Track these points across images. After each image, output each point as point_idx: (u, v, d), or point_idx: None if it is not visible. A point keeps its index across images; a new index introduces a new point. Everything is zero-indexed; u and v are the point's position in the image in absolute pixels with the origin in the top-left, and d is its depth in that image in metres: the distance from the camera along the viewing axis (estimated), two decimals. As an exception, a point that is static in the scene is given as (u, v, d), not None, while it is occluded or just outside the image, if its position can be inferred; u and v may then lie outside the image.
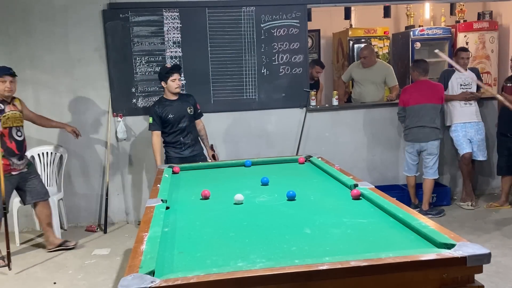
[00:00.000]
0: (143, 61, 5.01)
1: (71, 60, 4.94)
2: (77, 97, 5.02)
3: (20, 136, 4.19)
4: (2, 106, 4.08)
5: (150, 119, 4.35)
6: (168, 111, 4.31)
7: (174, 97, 4.38)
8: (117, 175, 5.16)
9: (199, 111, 4.53)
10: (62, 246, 4.45)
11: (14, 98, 4.22)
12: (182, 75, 4.40)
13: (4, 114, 4.07)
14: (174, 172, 3.64)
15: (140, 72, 5.02)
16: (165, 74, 4.29)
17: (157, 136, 4.37)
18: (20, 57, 4.84)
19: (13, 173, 4.15)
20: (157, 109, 4.33)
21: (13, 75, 4.10)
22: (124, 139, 5.09)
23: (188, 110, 4.39)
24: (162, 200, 2.67)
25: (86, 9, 4.89)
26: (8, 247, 3.99)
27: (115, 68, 4.99)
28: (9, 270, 3.98)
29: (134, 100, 5.04)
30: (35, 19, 4.83)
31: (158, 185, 3.07)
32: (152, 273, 1.65)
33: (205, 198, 2.83)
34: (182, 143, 4.39)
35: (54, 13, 4.86)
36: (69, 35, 4.91)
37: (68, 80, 4.96)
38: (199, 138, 4.56)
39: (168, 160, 4.40)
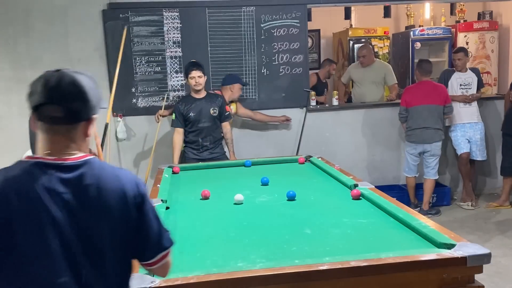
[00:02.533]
0: (143, 61, 5.00)
1: (71, 60, 4.93)
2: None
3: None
4: None
5: (173, 115, 4.31)
6: (190, 109, 4.23)
7: (199, 95, 4.28)
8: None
9: (227, 113, 4.42)
10: None
11: (231, 102, 4.74)
12: (203, 72, 4.23)
13: None
14: (174, 172, 3.64)
15: (140, 72, 5.02)
16: (185, 71, 4.27)
17: (178, 134, 4.30)
18: (20, 57, 4.83)
19: None
20: (180, 105, 4.28)
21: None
22: (124, 139, 5.08)
23: (211, 111, 4.27)
24: (162, 200, 2.67)
25: (86, 9, 4.89)
26: None
27: (115, 68, 4.97)
28: None
29: (134, 100, 5.04)
30: (35, 19, 4.83)
31: (158, 185, 3.06)
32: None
33: (205, 198, 2.83)
34: (200, 144, 4.28)
35: (54, 13, 4.86)
36: (69, 35, 4.91)
37: (68, 80, 4.95)
38: (222, 141, 4.45)
39: (185, 161, 4.31)
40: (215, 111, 4.30)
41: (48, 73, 1.27)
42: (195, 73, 4.18)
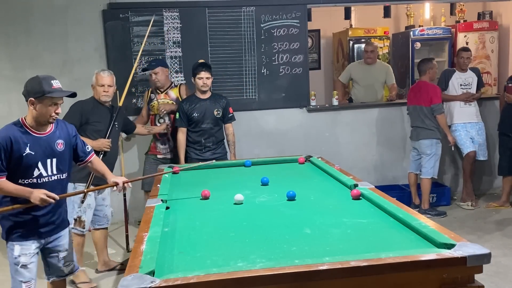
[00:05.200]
0: (143, 61, 5.00)
1: (71, 60, 4.94)
2: (77, 97, 5.00)
3: (160, 124, 4.47)
4: (153, 97, 4.48)
5: (177, 115, 4.28)
6: (194, 109, 4.20)
7: (204, 96, 4.25)
8: (117, 175, 5.14)
9: (231, 115, 4.37)
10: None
11: (174, 87, 4.52)
12: (211, 74, 4.23)
13: (152, 103, 4.46)
14: (174, 172, 3.64)
15: (140, 72, 5.02)
16: (193, 70, 4.22)
17: (182, 133, 4.28)
18: (20, 57, 4.83)
19: (158, 156, 4.52)
20: (184, 105, 4.25)
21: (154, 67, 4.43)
22: (124, 139, 5.08)
23: (215, 113, 4.24)
24: (162, 200, 2.67)
25: (86, 9, 4.89)
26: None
27: (115, 68, 4.96)
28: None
29: (134, 100, 5.04)
30: (35, 19, 4.83)
31: (158, 185, 3.07)
32: (152, 273, 1.66)
33: (205, 198, 2.83)
34: (202, 145, 4.26)
35: (54, 13, 4.86)
36: (69, 35, 4.91)
37: (68, 80, 4.95)
38: (224, 142, 4.42)
39: (188, 161, 4.29)
40: (219, 112, 4.27)
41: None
42: (204, 74, 4.16)
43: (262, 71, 5.20)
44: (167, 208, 2.61)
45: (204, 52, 5.05)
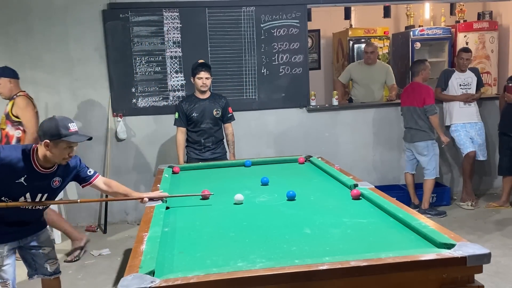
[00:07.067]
0: (143, 61, 5.01)
1: (71, 60, 4.94)
2: (77, 97, 5.02)
3: None
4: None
5: (176, 114, 4.26)
6: (193, 109, 4.19)
7: (204, 96, 4.23)
8: (117, 175, 5.15)
9: (230, 114, 4.35)
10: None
11: (13, 99, 4.06)
12: (210, 74, 4.19)
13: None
14: (174, 172, 3.64)
15: (140, 72, 5.02)
16: (193, 70, 4.20)
17: (181, 133, 4.27)
18: (20, 57, 4.83)
19: None
20: (183, 105, 4.24)
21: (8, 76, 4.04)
22: (124, 139, 5.09)
23: (215, 113, 4.22)
24: (162, 200, 2.67)
25: (86, 9, 4.89)
26: None
27: (115, 68, 4.98)
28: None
29: (134, 100, 5.04)
30: (35, 19, 4.83)
31: (158, 185, 3.07)
32: (152, 273, 1.66)
33: (205, 198, 2.83)
34: (202, 145, 4.25)
35: (54, 13, 4.86)
36: (69, 35, 4.91)
37: (68, 80, 4.96)
38: (224, 141, 4.41)
39: (188, 160, 4.29)
40: (218, 112, 4.26)
41: None
42: (204, 74, 4.14)
43: (262, 71, 5.21)
44: (167, 208, 2.61)
45: (204, 52, 5.05)
